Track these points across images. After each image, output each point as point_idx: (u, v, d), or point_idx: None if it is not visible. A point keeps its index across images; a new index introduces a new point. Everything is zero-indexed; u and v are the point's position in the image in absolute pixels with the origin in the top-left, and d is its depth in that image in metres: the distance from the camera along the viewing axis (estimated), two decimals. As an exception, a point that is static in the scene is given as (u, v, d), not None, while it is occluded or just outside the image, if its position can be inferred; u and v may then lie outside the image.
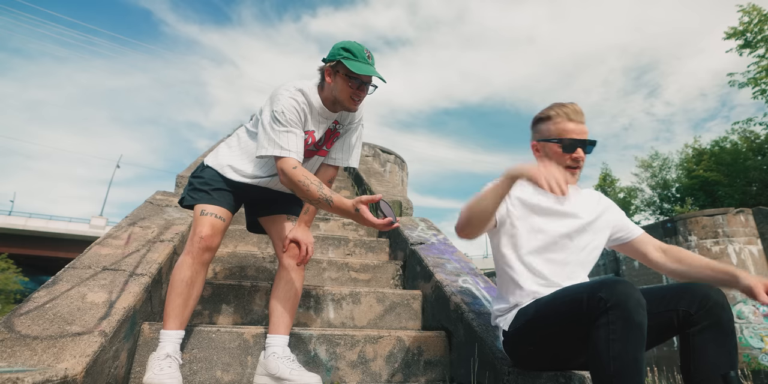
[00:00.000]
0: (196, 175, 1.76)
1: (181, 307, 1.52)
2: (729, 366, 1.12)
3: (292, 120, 1.54)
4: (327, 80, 1.58)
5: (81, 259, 1.68)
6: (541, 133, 1.49)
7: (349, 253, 2.88)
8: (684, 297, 1.20)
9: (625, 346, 1.02)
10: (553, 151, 1.46)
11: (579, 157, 1.43)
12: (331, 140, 1.77)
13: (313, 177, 1.48)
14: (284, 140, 1.52)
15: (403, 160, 9.63)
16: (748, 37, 13.51)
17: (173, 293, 1.54)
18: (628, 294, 1.05)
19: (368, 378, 1.73)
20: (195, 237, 1.58)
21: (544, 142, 1.48)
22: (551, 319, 1.23)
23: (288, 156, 1.51)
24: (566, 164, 1.45)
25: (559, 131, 1.44)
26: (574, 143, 1.42)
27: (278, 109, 1.53)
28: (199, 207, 1.65)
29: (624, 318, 1.03)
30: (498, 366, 1.46)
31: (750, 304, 9.50)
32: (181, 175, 3.38)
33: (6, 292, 17.05)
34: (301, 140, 1.57)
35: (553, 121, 1.46)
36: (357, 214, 1.39)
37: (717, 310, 1.16)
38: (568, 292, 1.20)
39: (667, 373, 5.23)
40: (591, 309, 1.08)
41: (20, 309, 1.31)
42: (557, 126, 1.45)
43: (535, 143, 1.52)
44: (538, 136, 1.51)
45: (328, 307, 2.07)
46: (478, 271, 2.30)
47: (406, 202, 3.79)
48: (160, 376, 1.37)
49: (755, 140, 17.86)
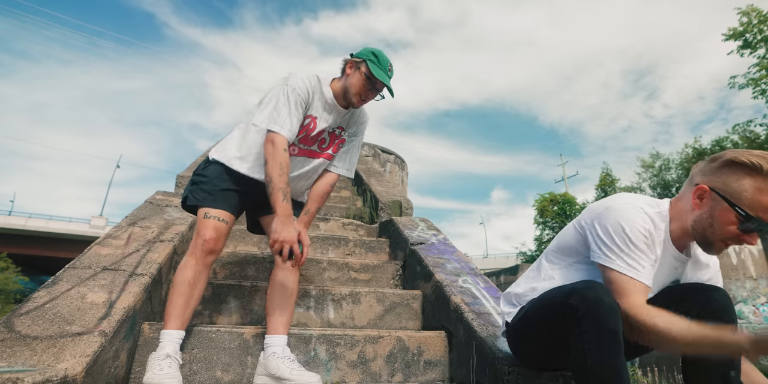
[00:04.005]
0: (199, 173, 1.73)
1: (182, 308, 1.52)
2: (730, 366, 1.12)
3: (297, 101, 1.61)
4: (347, 71, 1.70)
5: (81, 259, 1.68)
6: (729, 184, 1.07)
7: (349, 253, 2.88)
8: (688, 299, 1.20)
9: (601, 355, 1.01)
10: (724, 217, 1.07)
11: (749, 242, 1.08)
12: (336, 145, 1.80)
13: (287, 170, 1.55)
14: (283, 116, 1.58)
15: (403, 160, 9.63)
16: (747, 37, 13.50)
17: (175, 293, 1.54)
18: (599, 300, 1.03)
19: (368, 378, 1.73)
20: (199, 239, 1.58)
21: (721, 199, 1.08)
22: (533, 321, 1.25)
23: (279, 132, 1.56)
24: (726, 237, 1.09)
25: (755, 202, 1.03)
26: (761, 227, 1.05)
27: (290, 85, 1.61)
28: (202, 210, 1.64)
29: (597, 327, 1.02)
30: (498, 366, 1.46)
31: (750, 304, 9.50)
32: (181, 175, 3.38)
33: (6, 292, 17.03)
34: (298, 123, 1.63)
35: (756, 182, 1.03)
36: (287, 222, 1.51)
37: (720, 312, 1.15)
38: (547, 296, 1.20)
39: (667, 373, 5.24)
40: (564, 317, 1.08)
41: (20, 309, 1.31)
42: (758, 195, 1.03)
43: (708, 190, 1.10)
44: (719, 184, 1.09)
45: (328, 307, 2.07)
46: (478, 271, 2.30)
47: (406, 202, 3.79)
48: (160, 376, 1.37)
49: (755, 140, 17.85)
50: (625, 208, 1.16)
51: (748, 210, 1.04)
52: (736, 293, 8.29)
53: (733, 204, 1.06)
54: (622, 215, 1.14)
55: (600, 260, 1.15)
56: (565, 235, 1.32)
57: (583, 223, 1.24)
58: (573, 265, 1.29)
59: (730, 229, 1.08)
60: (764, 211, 1.03)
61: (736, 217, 1.06)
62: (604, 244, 1.14)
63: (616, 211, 1.16)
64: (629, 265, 1.11)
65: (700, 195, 1.12)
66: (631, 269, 1.10)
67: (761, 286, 8.33)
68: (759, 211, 1.03)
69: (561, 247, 1.33)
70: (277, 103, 1.60)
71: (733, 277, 8.43)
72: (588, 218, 1.23)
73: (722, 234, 1.09)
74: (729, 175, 1.08)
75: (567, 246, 1.30)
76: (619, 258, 1.11)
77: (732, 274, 8.44)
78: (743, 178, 1.05)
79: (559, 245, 1.34)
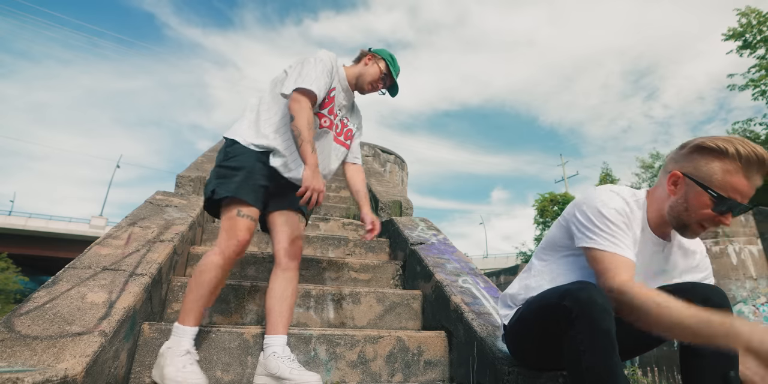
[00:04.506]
0: (226, 165, 1.63)
1: (203, 305, 1.53)
2: (729, 366, 1.12)
3: (325, 68, 1.71)
4: (365, 61, 1.88)
5: (81, 259, 1.68)
6: (699, 169, 1.11)
7: (349, 253, 2.88)
8: (685, 298, 1.20)
9: (595, 356, 1.01)
10: (697, 200, 1.12)
11: (724, 222, 1.11)
12: (347, 134, 1.90)
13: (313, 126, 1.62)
14: (312, 77, 1.64)
15: (403, 160, 9.63)
16: (747, 37, 13.49)
17: (198, 290, 1.53)
18: (591, 301, 1.04)
19: (368, 378, 1.73)
20: (232, 240, 1.55)
21: (694, 184, 1.12)
22: (529, 323, 1.25)
23: (311, 88, 1.61)
24: (701, 219, 1.13)
25: (725, 183, 1.07)
26: (733, 207, 1.09)
27: (318, 55, 1.74)
28: (235, 207, 1.58)
29: (590, 328, 1.02)
30: (498, 366, 1.46)
31: (750, 304, 9.50)
32: (181, 175, 3.38)
33: (6, 292, 17.03)
34: (326, 88, 1.71)
35: (724, 165, 1.08)
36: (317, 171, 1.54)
37: (718, 311, 1.15)
38: (541, 297, 1.21)
39: (667, 373, 5.24)
40: (558, 318, 1.09)
41: (20, 309, 1.31)
42: (728, 176, 1.07)
43: (681, 175, 1.15)
44: (690, 169, 1.13)
45: (328, 307, 2.07)
46: (478, 271, 2.30)
47: (406, 202, 3.79)
48: (185, 374, 1.38)
49: (756, 140, 17.86)
50: (600, 192, 1.22)
51: (719, 191, 1.08)
52: (736, 293, 8.29)
53: (706, 187, 1.10)
54: (598, 197, 1.20)
55: (583, 243, 1.18)
56: (552, 232, 1.36)
57: (566, 215, 1.29)
58: (561, 259, 1.31)
59: (705, 211, 1.11)
60: (734, 191, 1.07)
61: (710, 199, 1.09)
62: (585, 226, 1.18)
63: (591, 196, 1.22)
64: (610, 242, 1.13)
65: (674, 181, 1.17)
66: (613, 245, 1.13)
67: (761, 286, 8.32)
68: (730, 191, 1.07)
69: (548, 243, 1.36)
70: (303, 68, 1.68)
71: (733, 277, 8.42)
72: (569, 210, 1.28)
73: (697, 217, 1.13)
74: (699, 160, 1.12)
75: (553, 241, 1.33)
76: (599, 236, 1.14)
77: (732, 274, 8.43)
78: (712, 162, 1.10)
79: (547, 242, 1.37)
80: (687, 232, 1.19)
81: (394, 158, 9.22)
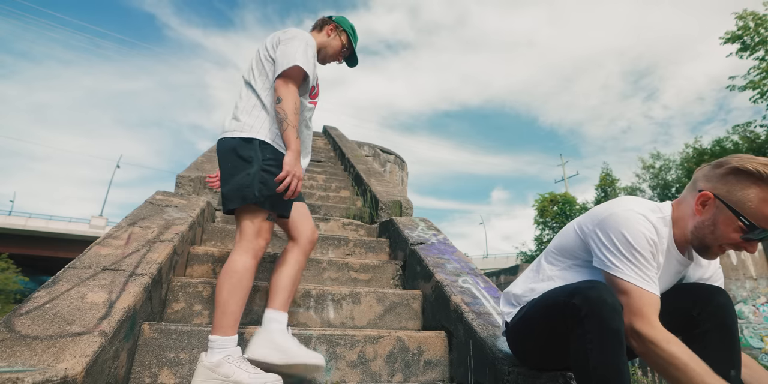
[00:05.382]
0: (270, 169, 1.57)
1: (241, 312, 1.51)
2: (730, 365, 1.12)
3: (314, 55, 1.74)
4: (327, 32, 1.89)
5: (81, 259, 1.68)
6: (733, 193, 1.06)
7: (349, 253, 2.88)
8: (688, 298, 1.20)
9: (603, 355, 1.01)
10: (726, 225, 1.07)
11: (749, 250, 1.08)
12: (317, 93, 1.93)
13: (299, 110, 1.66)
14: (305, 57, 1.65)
15: (403, 160, 9.63)
16: (746, 40, 13.50)
17: (239, 297, 1.49)
18: (601, 300, 1.03)
19: (368, 378, 1.73)
20: (261, 241, 1.57)
21: (725, 208, 1.06)
22: (534, 321, 1.24)
23: (302, 66, 1.62)
24: (726, 244, 1.09)
25: (759, 212, 1.02)
26: (763, 237, 1.05)
27: (305, 38, 1.72)
28: (267, 211, 1.59)
29: (600, 327, 1.02)
30: (498, 366, 1.46)
31: (750, 304, 9.50)
32: (181, 175, 3.38)
33: (6, 292, 17.02)
34: (314, 68, 1.75)
35: (762, 192, 1.02)
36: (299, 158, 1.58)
37: (721, 312, 1.15)
38: (548, 296, 1.20)
39: (667, 374, 5.24)
40: (566, 317, 1.08)
41: (20, 309, 1.31)
42: (763, 205, 1.02)
43: (712, 197, 1.09)
44: (723, 191, 1.08)
45: (328, 307, 2.07)
46: (478, 271, 2.30)
47: (406, 202, 3.79)
48: (265, 378, 1.39)
49: (756, 140, 17.86)
50: (628, 216, 1.13)
51: (751, 219, 1.03)
52: (736, 293, 8.29)
53: (738, 213, 1.04)
54: (626, 223, 1.12)
55: (608, 269, 1.12)
56: (565, 237, 1.31)
57: (585, 228, 1.22)
58: (572, 267, 1.28)
59: (732, 236, 1.07)
60: (767, 221, 1.02)
61: (740, 226, 1.05)
62: (610, 252, 1.12)
63: (618, 218, 1.13)
64: (639, 276, 1.09)
65: (704, 202, 1.11)
66: (641, 280, 1.08)
67: (761, 286, 8.33)
68: (761, 221, 1.02)
69: (561, 248, 1.32)
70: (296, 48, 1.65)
71: (733, 277, 8.43)
72: (590, 223, 1.21)
73: (723, 241, 1.09)
74: (734, 184, 1.06)
75: (567, 248, 1.29)
76: (626, 266, 1.10)
77: (732, 274, 8.44)
78: (748, 188, 1.04)
79: (559, 247, 1.33)
80: (707, 254, 1.16)
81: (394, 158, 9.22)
